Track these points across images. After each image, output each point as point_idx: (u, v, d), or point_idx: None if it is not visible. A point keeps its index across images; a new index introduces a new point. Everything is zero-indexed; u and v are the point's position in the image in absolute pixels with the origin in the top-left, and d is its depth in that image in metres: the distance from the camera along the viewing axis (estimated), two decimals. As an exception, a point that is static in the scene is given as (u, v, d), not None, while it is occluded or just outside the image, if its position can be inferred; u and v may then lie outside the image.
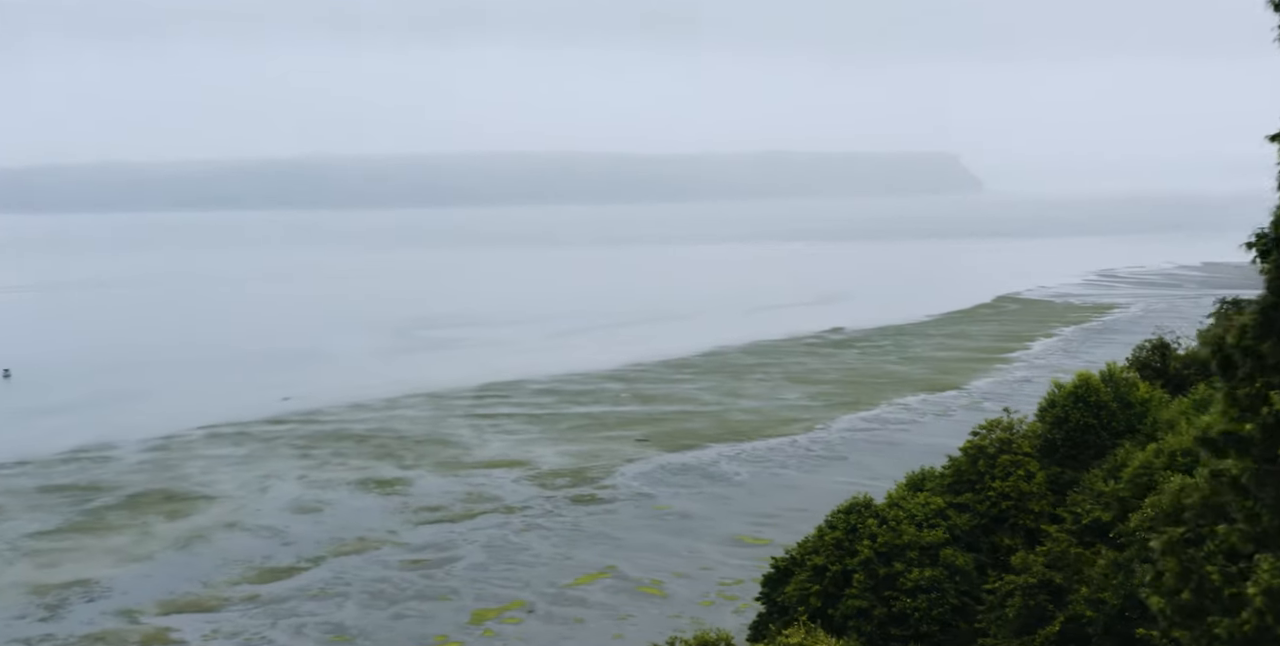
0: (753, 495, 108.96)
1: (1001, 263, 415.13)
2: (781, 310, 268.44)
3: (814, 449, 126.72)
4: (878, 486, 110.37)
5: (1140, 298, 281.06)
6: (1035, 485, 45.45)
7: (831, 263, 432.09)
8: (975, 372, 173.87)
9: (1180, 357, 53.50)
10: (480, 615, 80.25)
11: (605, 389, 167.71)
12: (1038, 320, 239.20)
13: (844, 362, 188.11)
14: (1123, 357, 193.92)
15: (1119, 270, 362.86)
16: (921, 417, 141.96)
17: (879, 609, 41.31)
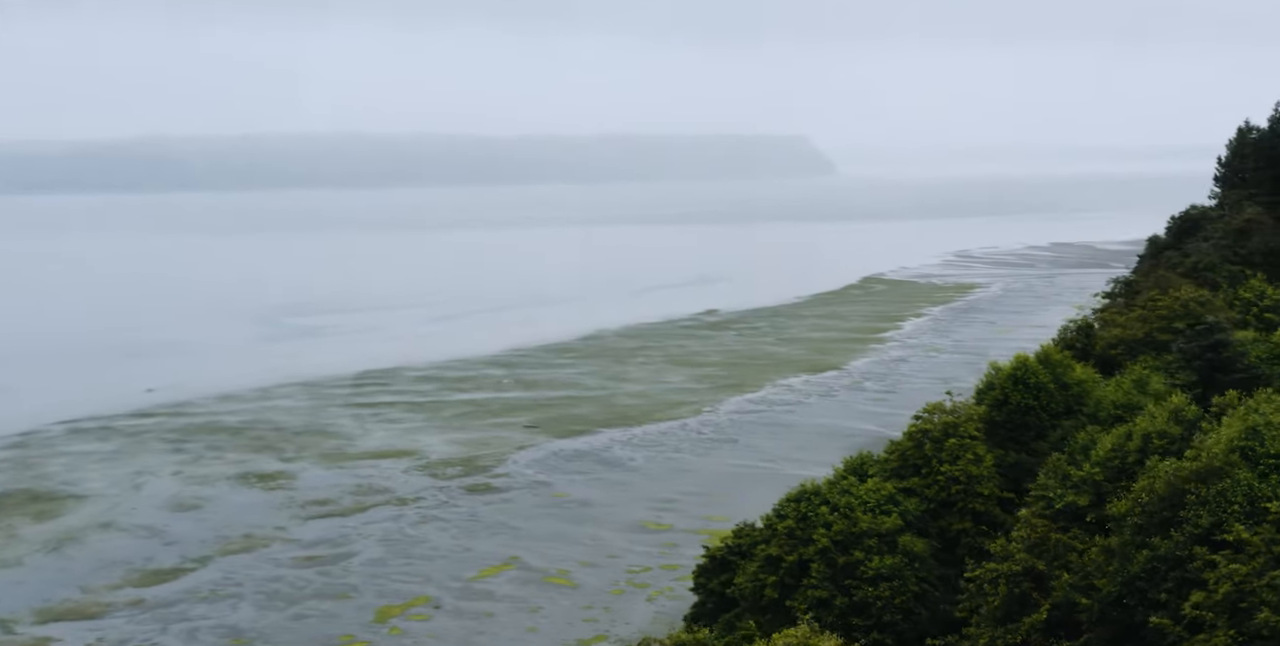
0: (650, 480, 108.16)
1: (862, 244, 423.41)
2: (654, 293, 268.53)
3: (705, 432, 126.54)
4: (772, 469, 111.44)
5: (998, 277, 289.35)
6: (984, 468, 45.51)
7: (695, 245, 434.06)
8: (853, 353, 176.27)
9: (1105, 337, 54.29)
10: (384, 612, 77.61)
11: (487, 375, 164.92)
12: (905, 300, 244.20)
13: (723, 345, 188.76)
14: (989, 336, 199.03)
15: (974, 251, 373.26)
16: (806, 399, 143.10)
17: (840, 598, 40.68)
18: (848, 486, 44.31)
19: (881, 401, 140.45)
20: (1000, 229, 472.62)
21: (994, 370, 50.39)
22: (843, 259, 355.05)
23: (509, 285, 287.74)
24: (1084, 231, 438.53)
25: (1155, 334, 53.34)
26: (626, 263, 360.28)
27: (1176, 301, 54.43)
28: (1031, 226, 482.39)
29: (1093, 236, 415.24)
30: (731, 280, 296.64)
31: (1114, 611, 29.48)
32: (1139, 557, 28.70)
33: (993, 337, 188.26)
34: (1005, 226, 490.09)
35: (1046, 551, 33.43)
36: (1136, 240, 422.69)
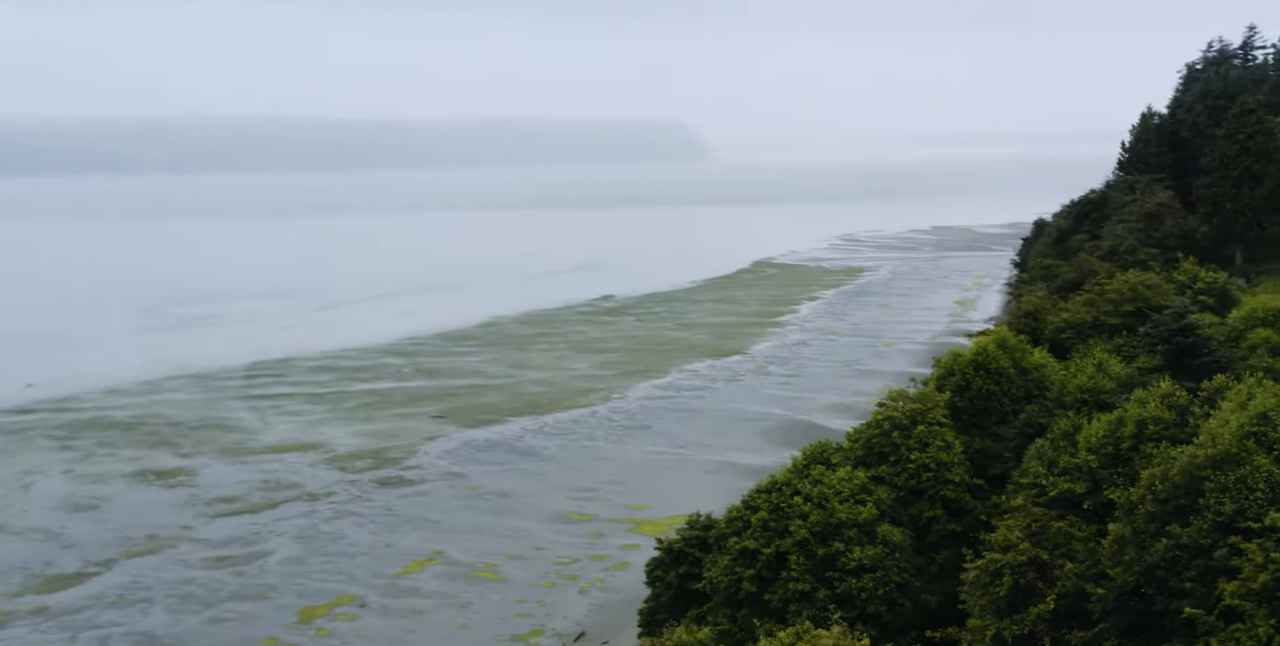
0: (567, 469, 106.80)
1: (747, 229, 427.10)
2: (545, 278, 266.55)
3: (616, 419, 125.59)
4: (686, 455, 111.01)
5: (885, 260, 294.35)
6: (954, 455, 45.41)
7: (579, 231, 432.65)
8: (753, 337, 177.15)
9: (1054, 322, 54.81)
10: (308, 613, 75.01)
11: (385, 364, 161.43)
12: (797, 284, 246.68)
13: (623, 330, 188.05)
14: (884, 319, 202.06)
15: (859, 235, 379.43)
16: (713, 384, 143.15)
17: (822, 590, 40.13)
18: (819, 476, 43.76)
19: (787, 385, 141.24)
20: (881, 213, 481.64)
21: (953, 356, 50.38)
22: (731, 243, 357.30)
23: (396, 272, 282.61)
24: (962, 215, 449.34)
25: (1104, 318, 54.16)
26: (512, 248, 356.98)
27: (1125, 285, 55.26)
28: (911, 210, 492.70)
29: (970, 220, 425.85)
30: (621, 265, 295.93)
31: (1131, 601, 29.40)
32: (1158, 546, 28.63)
33: (887, 320, 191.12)
34: (886, 210, 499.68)
35: (1046, 540, 33.33)
36: (1012, 223, 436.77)
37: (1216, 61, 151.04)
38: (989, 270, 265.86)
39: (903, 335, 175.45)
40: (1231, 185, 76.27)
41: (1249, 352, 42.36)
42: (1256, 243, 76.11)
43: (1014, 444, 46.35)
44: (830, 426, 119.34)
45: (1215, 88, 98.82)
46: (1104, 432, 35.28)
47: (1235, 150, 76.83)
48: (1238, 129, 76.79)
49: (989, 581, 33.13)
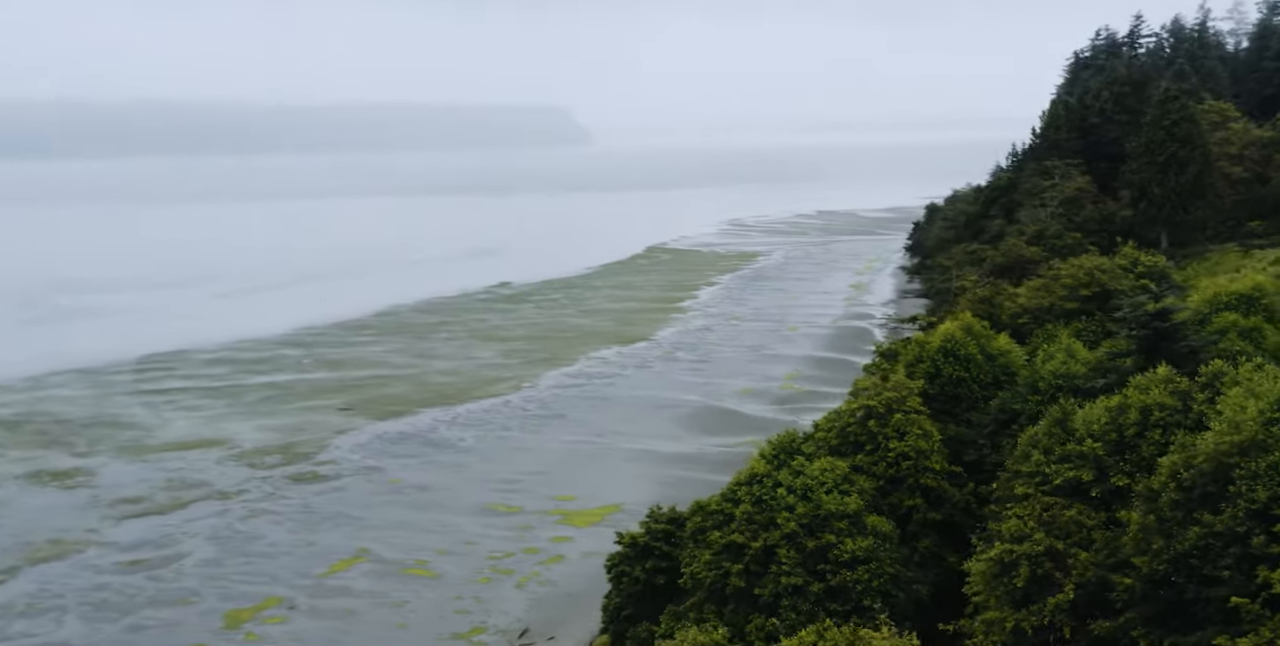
0: (486, 461, 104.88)
1: (636, 214, 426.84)
2: (438, 265, 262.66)
3: (530, 408, 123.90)
4: (606, 443, 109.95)
5: (775, 245, 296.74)
6: (933, 443, 45.22)
7: (467, 217, 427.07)
8: (657, 323, 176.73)
9: (1010, 308, 55.09)
10: (235, 617, 72.14)
11: (283, 355, 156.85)
12: (693, 269, 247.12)
13: (525, 318, 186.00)
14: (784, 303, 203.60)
15: (747, 219, 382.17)
16: (623, 370, 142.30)
17: (815, 584, 39.50)
18: (799, 467, 43.15)
19: (697, 371, 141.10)
20: (766, 197, 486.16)
21: (920, 343, 50.19)
22: (621, 229, 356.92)
23: (286, 260, 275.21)
24: (844, 200, 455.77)
25: (1061, 303, 54.70)
26: (400, 235, 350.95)
27: (1080, 270, 55.87)
28: (795, 195, 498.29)
29: (853, 204, 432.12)
30: (514, 252, 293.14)
31: (1159, 589, 29.36)
32: (1189, 534, 28.62)
33: (787, 304, 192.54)
34: (770, 195, 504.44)
35: (1056, 529, 33.18)
36: (893, 207, 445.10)
37: (1105, 50, 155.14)
38: (878, 254, 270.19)
39: (804, 319, 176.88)
40: (1158, 171, 78.13)
41: (1219, 337, 43.06)
42: (1180, 226, 78.10)
43: (989, 430, 46.50)
44: (746, 412, 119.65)
45: (1121, 75, 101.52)
46: (1106, 419, 35.35)
47: (1161, 136, 78.72)
48: (1163, 115, 78.69)
49: (1002, 572, 32.92)
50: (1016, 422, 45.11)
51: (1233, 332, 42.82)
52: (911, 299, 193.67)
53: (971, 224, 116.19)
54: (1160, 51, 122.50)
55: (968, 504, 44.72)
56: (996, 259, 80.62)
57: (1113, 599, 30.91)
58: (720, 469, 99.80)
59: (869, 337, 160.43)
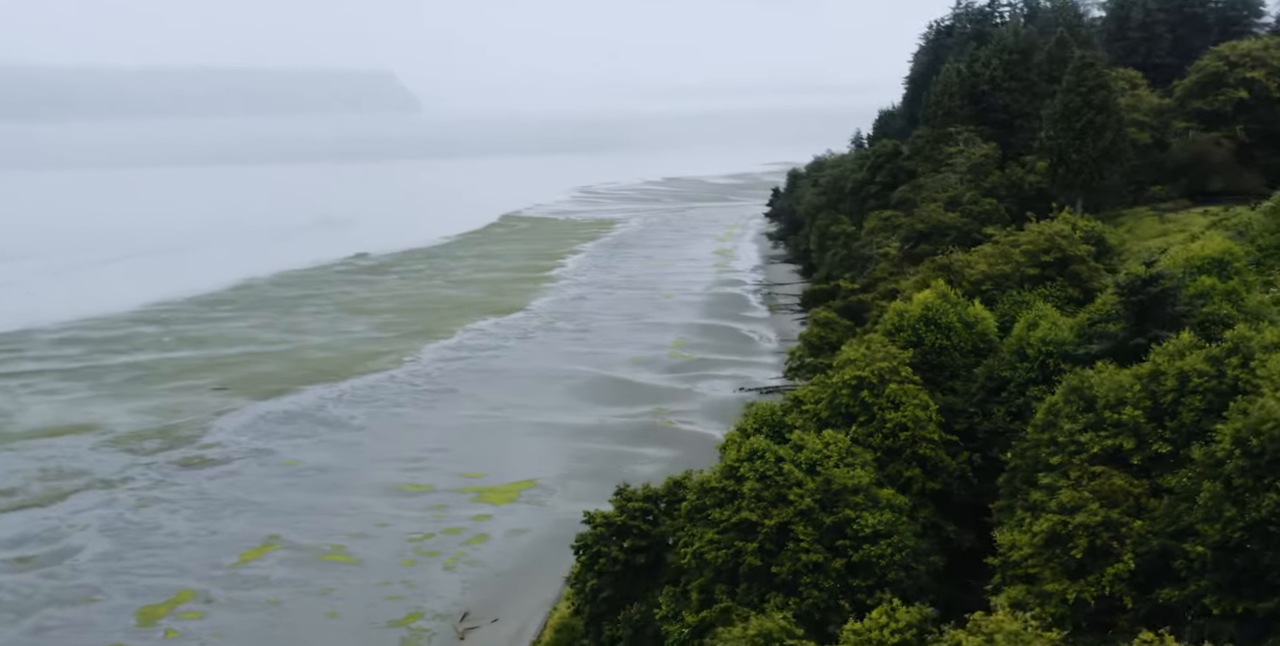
0: (383, 439, 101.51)
1: (481, 182, 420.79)
2: (287, 236, 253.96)
3: (417, 383, 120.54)
4: (503, 417, 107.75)
5: (631, 213, 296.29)
6: (930, 413, 44.98)
7: (309, 185, 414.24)
8: (529, 293, 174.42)
9: (970, 274, 55.25)
10: (148, 614, 68.02)
11: (140, 333, 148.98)
12: (553, 237, 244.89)
13: (391, 289, 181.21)
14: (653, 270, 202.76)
15: (597, 187, 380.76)
16: (505, 342, 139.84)
17: (837, 560, 38.81)
18: (799, 441, 42.37)
19: (581, 341, 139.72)
20: (612, 165, 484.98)
21: (898, 313, 49.85)
22: (470, 197, 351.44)
23: (123, 232, 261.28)
24: (691, 166, 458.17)
25: (1023, 269, 55.20)
26: (240, 205, 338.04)
27: (1040, 236, 56.47)
28: (641, 162, 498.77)
29: (700, 171, 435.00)
30: (363, 221, 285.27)
31: (1233, 557, 29.61)
32: (1264, 501, 28.90)
33: (658, 272, 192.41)
34: (616, 162, 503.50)
35: (1107, 497, 33.15)
36: (740, 174, 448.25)
37: (965, 18, 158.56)
38: (735, 220, 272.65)
39: (678, 286, 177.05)
40: (1075, 137, 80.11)
41: (1203, 300, 43.96)
42: (1094, 191, 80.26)
43: (977, 398, 46.64)
44: (640, 381, 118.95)
45: (1010, 44, 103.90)
46: (1139, 387, 35.53)
47: (1078, 103, 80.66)
48: (1079, 82, 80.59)
49: (1055, 543, 32.80)
50: (1006, 390, 45.44)
51: (1217, 296, 43.91)
52: (779, 265, 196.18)
53: (858, 190, 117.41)
54: (1029, 22, 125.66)
55: (963, 473, 44.87)
56: (916, 225, 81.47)
57: (1176, 567, 31.21)
58: (627, 440, 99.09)
59: (745, 304, 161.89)
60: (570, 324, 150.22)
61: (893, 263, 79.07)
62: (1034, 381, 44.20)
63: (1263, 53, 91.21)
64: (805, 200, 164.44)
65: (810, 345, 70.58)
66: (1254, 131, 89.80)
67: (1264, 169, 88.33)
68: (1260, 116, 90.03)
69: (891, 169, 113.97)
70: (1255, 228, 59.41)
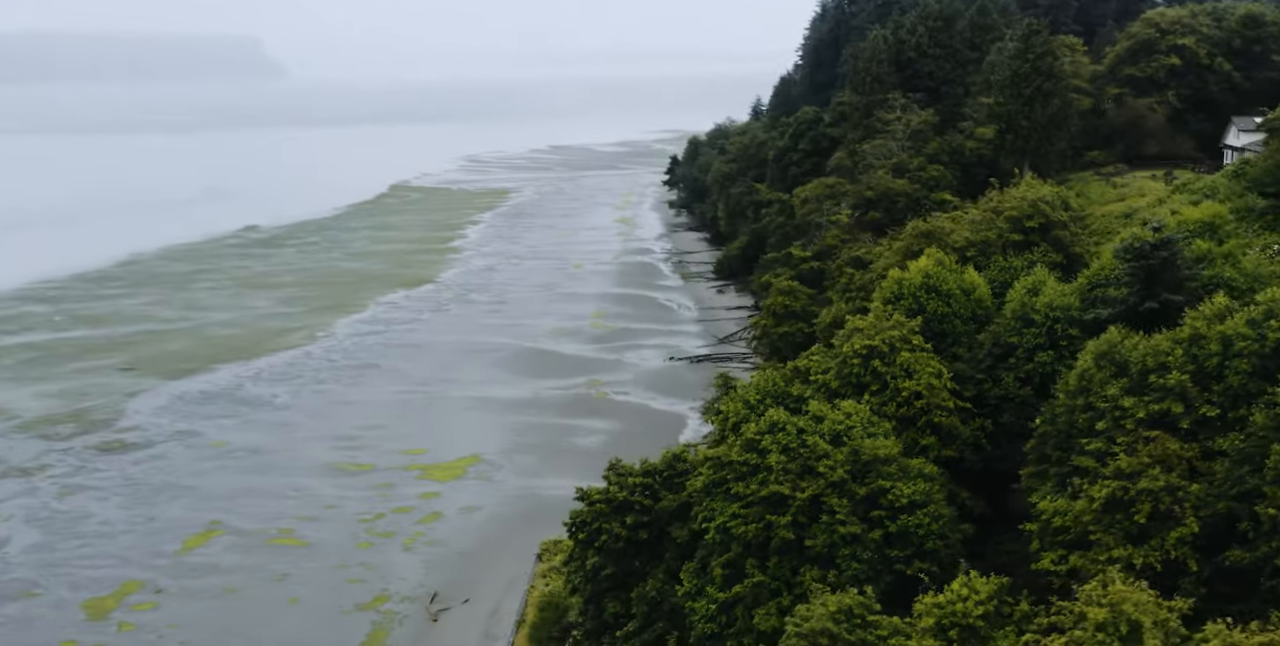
0: (312, 418, 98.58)
1: (362, 151, 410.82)
2: (166, 208, 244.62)
3: (336, 359, 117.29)
4: (432, 392, 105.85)
5: (524, 181, 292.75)
6: (944, 381, 44.86)
7: (183, 155, 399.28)
8: (434, 265, 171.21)
9: (954, 241, 55.28)
10: (96, 607, 64.99)
11: (29, 313, 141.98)
12: (448, 208, 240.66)
13: (289, 263, 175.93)
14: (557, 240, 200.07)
15: (483, 156, 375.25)
16: (420, 315, 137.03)
17: (874, 531, 38.49)
18: (819, 412, 41.90)
19: (498, 313, 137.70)
20: (496, 133, 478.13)
21: (897, 281, 49.64)
22: (354, 167, 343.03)
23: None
24: (575, 134, 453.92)
25: (1007, 235, 55.47)
26: (113, 176, 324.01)
27: (1024, 202, 56.73)
28: (523, 130, 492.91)
29: (585, 139, 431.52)
30: (246, 192, 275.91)
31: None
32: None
33: (562, 242, 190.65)
34: (500, 131, 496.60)
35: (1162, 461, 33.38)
36: (625, 141, 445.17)
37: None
38: (629, 189, 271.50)
39: (585, 256, 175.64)
40: (1024, 103, 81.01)
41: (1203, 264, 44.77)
42: (1039, 157, 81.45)
43: (985, 365, 46.73)
44: (566, 352, 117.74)
45: (934, 11, 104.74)
46: (1180, 351, 35.85)
47: (1026, 70, 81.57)
48: (1027, 49, 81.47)
49: (1116, 509, 32.96)
50: (1014, 356, 45.64)
51: (1219, 260, 44.81)
52: (683, 233, 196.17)
53: (780, 158, 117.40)
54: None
55: (976, 440, 45.03)
56: (865, 192, 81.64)
57: (1243, 529, 31.69)
58: (565, 412, 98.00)
59: (657, 273, 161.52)
60: (484, 296, 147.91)
61: (844, 230, 79.19)
62: (1042, 347, 44.52)
63: (1192, 20, 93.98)
64: (714, 168, 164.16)
65: (774, 314, 70.38)
66: (1185, 97, 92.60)
67: (1195, 134, 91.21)
68: (1190, 83, 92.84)
69: (813, 136, 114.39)
70: (1222, 192, 61.21)
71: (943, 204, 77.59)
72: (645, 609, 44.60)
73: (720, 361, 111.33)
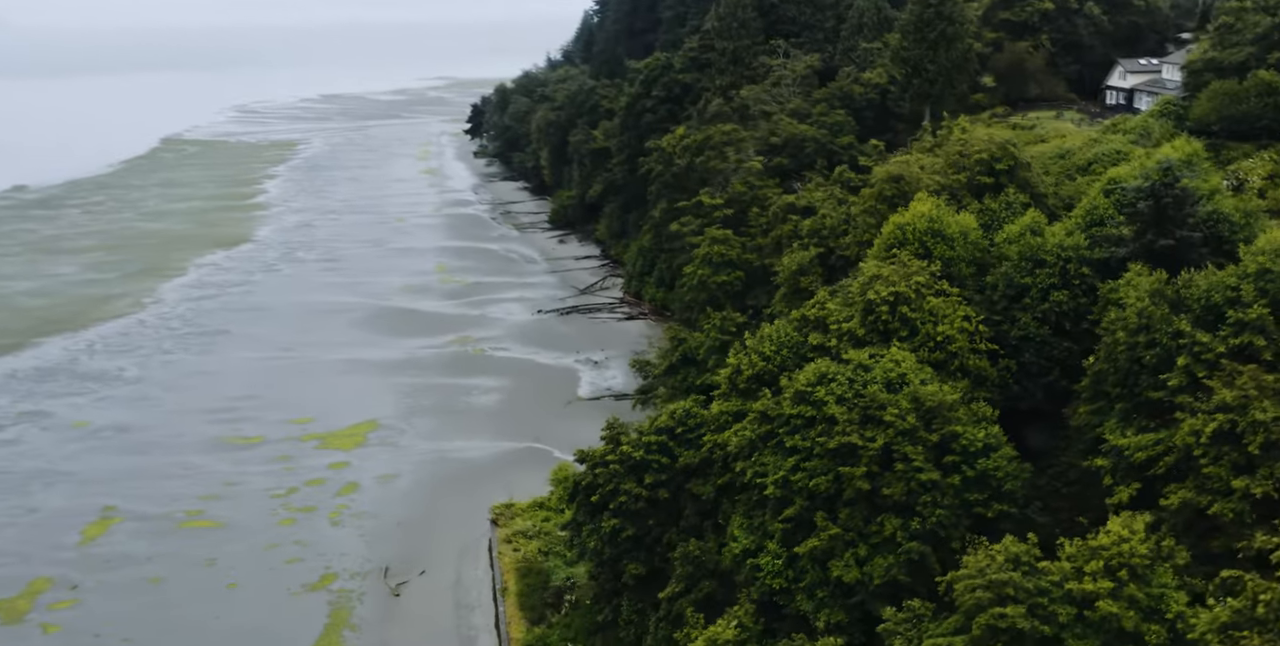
0: (173, 390, 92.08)
1: (114, 102, 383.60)
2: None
3: (175, 326, 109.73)
4: (297, 357, 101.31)
5: (306, 133, 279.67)
6: (975, 324, 45.04)
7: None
8: (246, 222, 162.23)
9: (929, 184, 55.36)
10: (8, 609, 59.36)
11: None
12: (235, 162, 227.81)
13: (78, 224, 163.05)
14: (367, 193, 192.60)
15: (253, 106, 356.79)
16: (252, 276, 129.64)
17: (951, 477, 38.50)
18: (864, 361, 41.51)
19: (336, 271, 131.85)
20: (253, 82, 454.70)
21: (898, 227, 49.53)
22: (110, 118, 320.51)
23: None
24: (342, 83, 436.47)
25: (978, 178, 56.09)
26: None
27: (993, 144, 57.29)
28: (282, 78, 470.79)
29: (356, 88, 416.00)
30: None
31: None
32: None
33: (374, 194, 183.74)
34: (256, 79, 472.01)
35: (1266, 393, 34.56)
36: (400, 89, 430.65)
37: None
38: (423, 138, 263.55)
39: (405, 209, 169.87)
40: (928, 48, 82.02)
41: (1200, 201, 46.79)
42: (938, 101, 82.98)
43: (1000, 306, 47.32)
44: (425, 310, 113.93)
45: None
46: (1251, 286, 37.11)
47: (930, 15, 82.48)
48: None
49: (1223, 441, 34.04)
50: (1028, 296, 46.47)
51: (1215, 197, 46.91)
52: (499, 183, 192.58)
53: (632, 106, 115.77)
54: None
55: (1003, 381, 45.74)
56: (770, 139, 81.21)
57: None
58: (449, 371, 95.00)
59: (486, 224, 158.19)
60: (311, 253, 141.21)
61: (755, 176, 78.83)
62: (1055, 287, 45.63)
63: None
64: (538, 117, 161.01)
65: (711, 263, 69.78)
66: (1056, 41, 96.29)
67: (1066, 77, 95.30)
68: (1061, 27, 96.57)
69: (666, 82, 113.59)
70: (1157, 132, 64.24)
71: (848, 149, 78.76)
72: (690, 569, 43.73)
73: (589, 312, 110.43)
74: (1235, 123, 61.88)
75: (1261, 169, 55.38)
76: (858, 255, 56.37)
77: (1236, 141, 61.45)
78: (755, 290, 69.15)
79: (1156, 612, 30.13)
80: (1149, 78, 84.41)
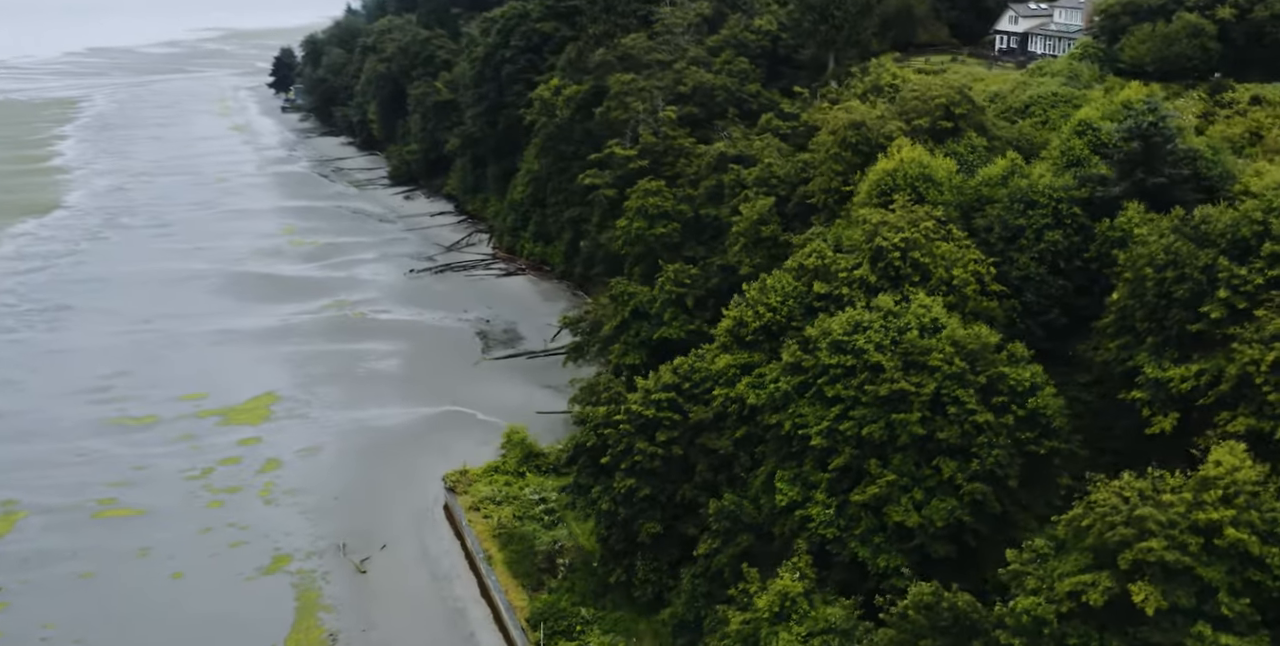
0: (35, 372, 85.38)
1: None
2: None
3: (13, 303, 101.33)
4: (164, 329, 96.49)
5: (85, 89, 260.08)
6: (986, 267, 45.46)
7: None
8: (51, 187, 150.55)
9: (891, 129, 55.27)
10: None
11: None
12: (14, 121, 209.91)
13: None
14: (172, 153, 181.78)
15: (10, 61, 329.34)
16: (79, 246, 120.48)
17: (1004, 416, 38.85)
18: (893, 309, 41.42)
19: (169, 236, 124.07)
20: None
21: (885, 172, 49.57)
22: None
23: None
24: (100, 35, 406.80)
25: (940, 122, 56.39)
26: None
27: (951, 89, 57.53)
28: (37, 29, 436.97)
29: (124, 41, 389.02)
30: None
31: None
32: None
33: (183, 153, 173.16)
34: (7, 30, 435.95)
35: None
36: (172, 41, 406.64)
37: None
38: (218, 94, 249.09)
39: (223, 169, 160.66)
40: None
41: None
42: (843, 46, 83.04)
43: (997, 248, 47.99)
44: (286, 274, 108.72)
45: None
46: (1277, 220, 38.78)
47: None
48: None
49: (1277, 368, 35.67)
50: (1023, 237, 47.39)
51: (1190, 135, 48.89)
52: (318, 138, 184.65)
53: (490, 57, 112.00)
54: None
55: (1010, 319, 46.57)
56: (678, 88, 79.38)
57: None
58: (335, 337, 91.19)
59: (318, 182, 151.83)
60: (137, 219, 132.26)
61: (670, 126, 77.35)
62: (1050, 227, 46.96)
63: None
64: (367, 69, 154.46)
65: (647, 215, 68.35)
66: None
67: (949, 22, 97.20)
68: None
69: (524, 32, 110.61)
70: (1085, 75, 66.47)
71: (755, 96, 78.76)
72: (726, 523, 43.40)
73: (463, 269, 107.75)
74: (1167, 64, 65.08)
75: (1194, 107, 58.35)
76: (825, 202, 56.58)
77: (1166, 82, 64.59)
78: (690, 241, 68.53)
79: (1274, 535, 31.64)
80: (1040, 21, 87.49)
